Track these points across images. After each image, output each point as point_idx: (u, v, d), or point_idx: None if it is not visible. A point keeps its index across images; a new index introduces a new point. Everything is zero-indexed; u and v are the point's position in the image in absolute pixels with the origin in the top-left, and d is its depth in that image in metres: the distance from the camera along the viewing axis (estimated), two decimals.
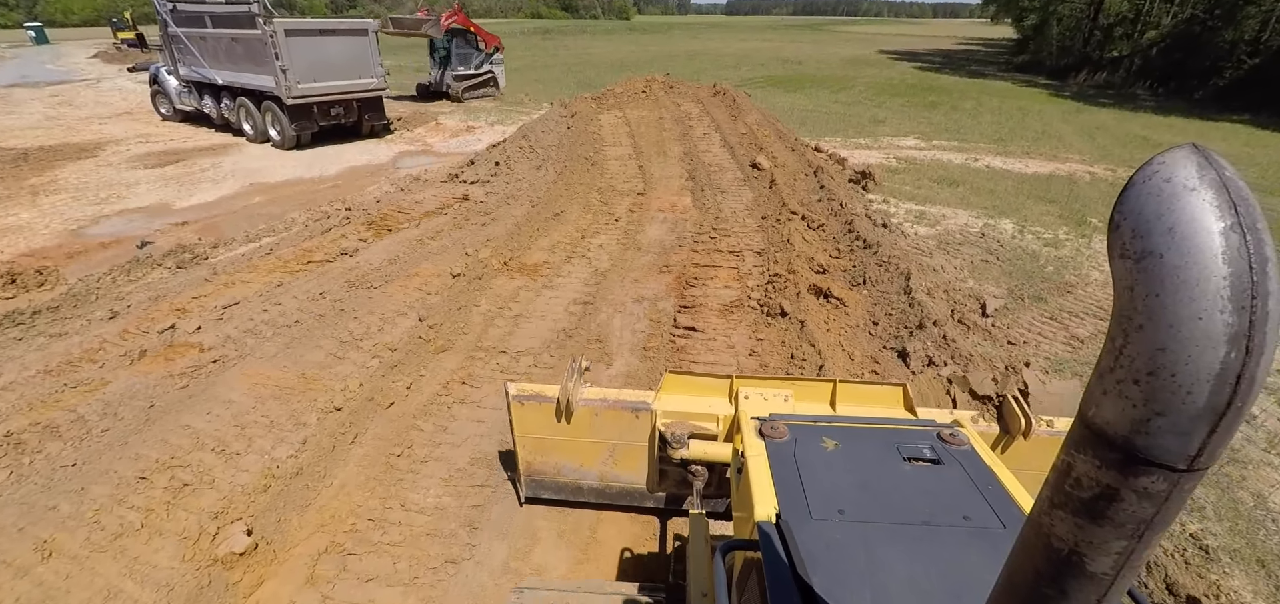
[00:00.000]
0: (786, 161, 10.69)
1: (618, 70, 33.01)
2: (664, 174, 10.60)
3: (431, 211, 9.33)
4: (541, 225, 8.44)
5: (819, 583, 1.30)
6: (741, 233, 8.20)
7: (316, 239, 8.15)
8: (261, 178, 11.67)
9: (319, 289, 6.64)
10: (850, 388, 2.87)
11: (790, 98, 23.74)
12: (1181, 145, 0.60)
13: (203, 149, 14.04)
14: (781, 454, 1.76)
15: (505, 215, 8.90)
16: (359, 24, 13.80)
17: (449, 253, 7.61)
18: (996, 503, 1.57)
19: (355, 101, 14.31)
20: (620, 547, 3.69)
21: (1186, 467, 0.61)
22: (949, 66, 39.99)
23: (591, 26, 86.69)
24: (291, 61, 12.65)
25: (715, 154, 11.24)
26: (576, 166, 10.64)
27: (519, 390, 3.40)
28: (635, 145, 11.46)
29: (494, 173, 10.81)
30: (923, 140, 16.34)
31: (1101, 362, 0.64)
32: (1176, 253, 0.55)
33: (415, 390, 4.93)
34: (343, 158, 13.12)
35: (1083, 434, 0.67)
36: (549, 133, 11.52)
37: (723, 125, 12.12)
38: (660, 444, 3.27)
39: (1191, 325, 0.55)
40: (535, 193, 9.78)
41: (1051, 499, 0.72)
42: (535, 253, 7.62)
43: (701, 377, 3.28)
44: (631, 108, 13.00)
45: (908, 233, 8.52)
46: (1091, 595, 0.72)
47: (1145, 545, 0.67)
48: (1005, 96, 26.29)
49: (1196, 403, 0.57)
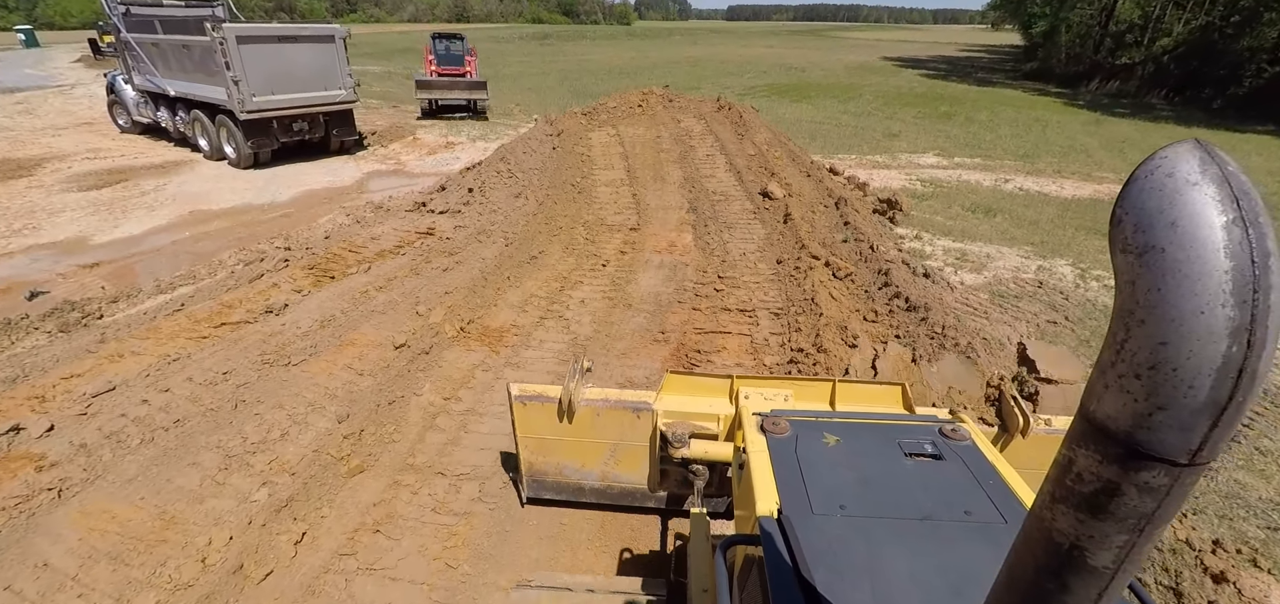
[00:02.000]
0: (802, 189, 9.32)
1: (616, 78, 31.72)
2: (661, 204, 9.22)
3: (388, 251, 7.95)
4: (514, 272, 7.06)
5: (820, 579, 1.29)
6: (753, 283, 6.82)
7: (242, 290, 6.76)
8: (204, 203, 10.28)
9: (223, 366, 5.25)
10: (850, 387, 2.86)
11: (797, 108, 22.44)
12: (1184, 140, 0.59)
13: (152, 167, 12.66)
14: (783, 450, 1.75)
15: (473, 257, 7.52)
16: (324, 30, 12.41)
17: (397, 310, 6.23)
18: (998, 498, 1.57)
19: (321, 115, 12.92)
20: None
21: (1188, 461, 0.60)
22: (955, 74, 39.20)
23: (590, 32, 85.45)
24: (245, 72, 11.28)
25: (720, 179, 9.87)
26: (561, 194, 9.26)
27: (521, 390, 3.40)
28: (629, 169, 10.11)
29: (466, 201, 9.43)
30: (943, 157, 15.04)
31: (1103, 356, 0.64)
32: (1178, 247, 0.55)
33: (308, 547, 3.53)
34: (302, 179, 11.73)
35: (1084, 429, 0.67)
36: (531, 154, 10.17)
37: (728, 145, 10.75)
38: (661, 444, 3.28)
39: (1193, 319, 0.55)
40: (511, 227, 8.40)
41: (1053, 493, 0.72)
42: (502, 311, 6.24)
43: (702, 377, 3.27)
44: (626, 124, 11.64)
45: (953, 283, 7.13)
46: (1093, 590, 0.72)
47: (1147, 540, 0.67)
48: (1019, 106, 25.13)
49: (1198, 397, 0.57)
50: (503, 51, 48.84)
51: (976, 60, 51.32)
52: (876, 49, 62.45)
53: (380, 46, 48.66)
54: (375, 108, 20.30)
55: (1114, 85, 33.30)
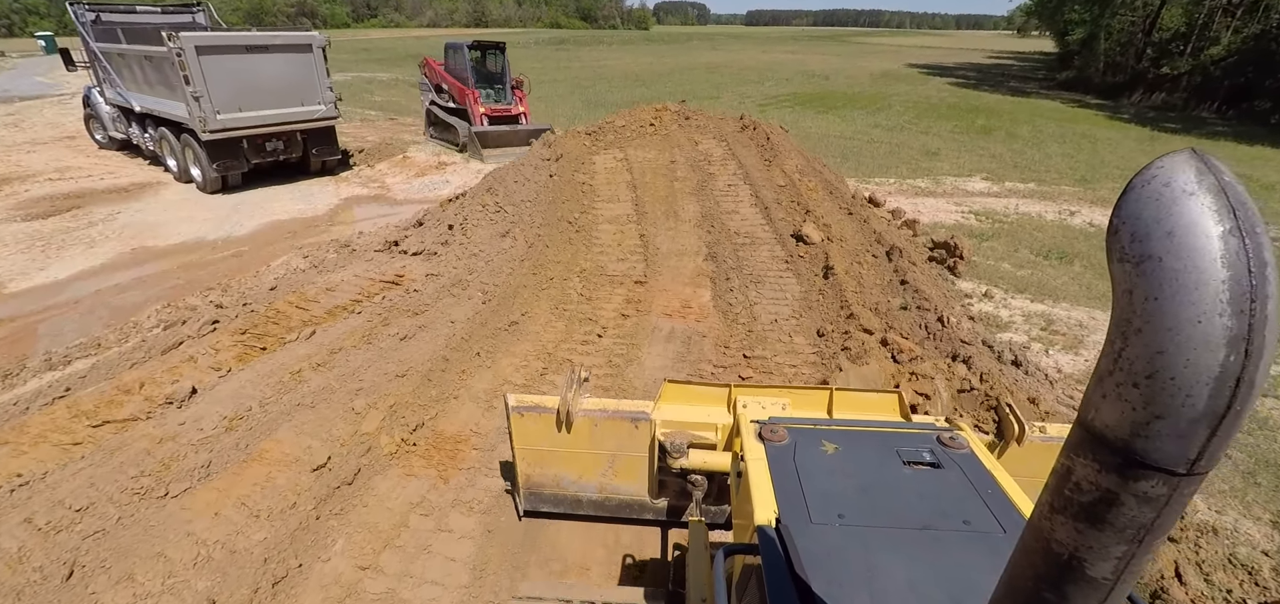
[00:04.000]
0: (844, 231, 7.82)
1: (631, 85, 30.34)
2: (674, 247, 7.75)
3: (342, 307, 6.58)
4: (487, 344, 5.64)
5: (819, 587, 1.28)
6: (789, 366, 5.32)
7: (150, 365, 5.43)
8: (152, 238, 9.01)
9: (82, 496, 3.89)
10: (847, 395, 2.81)
11: (824, 121, 20.88)
12: (1181, 150, 0.58)
13: (115, 191, 11.45)
14: (781, 458, 1.73)
15: (441, 319, 6.12)
16: (301, 38, 11.12)
17: (331, 401, 4.84)
18: (996, 507, 1.55)
19: (299, 133, 11.64)
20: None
21: (1186, 470, 0.59)
22: (986, 83, 37.53)
23: (607, 37, 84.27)
24: (207, 86, 10.01)
25: (744, 216, 8.39)
26: (555, 234, 7.84)
27: (518, 401, 3.35)
28: (637, 201, 8.68)
29: (445, 240, 8.04)
30: (992, 181, 13.42)
31: (1100, 365, 0.62)
32: (1175, 257, 0.54)
33: None
34: (270, 207, 10.44)
35: (1082, 438, 0.66)
36: (524, 183, 8.80)
37: (754, 173, 9.27)
38: (660, 454, 3.24)
39: (1191, 329, 0.54)
40: (493, 277, 6.98)
41: (1051, 503, 0.71)
42: (463, 407, 4.82)
43: (700, 386, 3.27)
44: (636, 146, 10.20)
45: (1047, 370, 5.56)
46: (1092, 600, 0.70)
47: (1146, 550, 0.66)
48: (1061, 119, 23.42)
49: (1196, 406, 0.56)
50: (516, 57, 47.57)
51: (1006, 68, 49.55)
52: (900, 55, 60.61)
53: (393, 52, 47.77)
54: (371, 120, 19.07)
55: (1159, 97, 31.70)
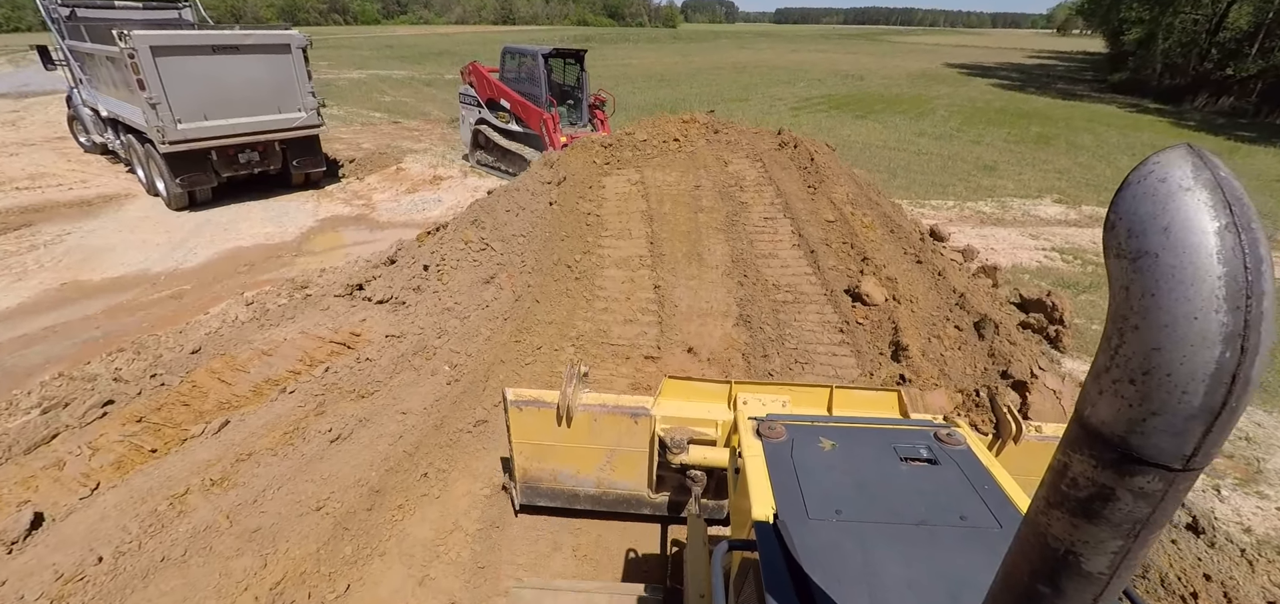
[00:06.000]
0: (913, 285, 6.19)
1: (656, 85, 28.74)
2: (697, 305, 6.20)
3: (274, 381, 5.19)
4: (441, 457, 4.18)
5: (816, 583, 1.28)
6: None
7: (3, 470, 4.08)
8: (90, 270, 7.75)
9: None
10: (847, 393, 2.82)
11: (864, 128, 19.05)
12: (1177, 145, 0.58)
13: (78, 204, 10.28)
14: (779, 455, 1.74)
15: (388, 411, 4.66)
16: (278, 37, 9.80)
17: (208, 557, 3.42)
18: (993, 503, 1.55)
19: (278, 143, 10.34)
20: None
21: (1182, 466, 0.60)
22: (1031, 84, 35.31)
23: (633, 35, 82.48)
24: (166, 92, 8.75)
25: (785, 261, 6.81)
26: (549, 282, 6.36)
27: (517, 395, 3.30)
28: (652, 238, 7.16)
29: (417, 284, 6.61)
30: (1067, 205, 11.59)
31: (1097, 361, 0.63)
32: (1172, 252, 0.55)
33: None
34: (236, 229, 9.14)
35: (1079, 434, 0.66)
36: (518, 213, 7.33)
37: (795, 203, 7.66)
38: (660, 449, 3.25)
39: (1187, 325, 0.54)
40: (465, 342, 5.52)
41: (1048, 499, 0.72)
42: (388, 574, 3.35)
43: (700, 382, 3.27)
44: (655, 167, 8.67)
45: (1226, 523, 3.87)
46: (1088, 595, 0.71)
47: (1141, 545, 0.66)
48: (1123, 127, 21.43)
49: (1192, 402, 0.56)
50: None
51: (1050, 68, 47.02)
52: (936, 54, 57.96)
53: (418, 49, 46.77)
54: (373, 123, 17.78)
55: (1227, 101, 29.35)
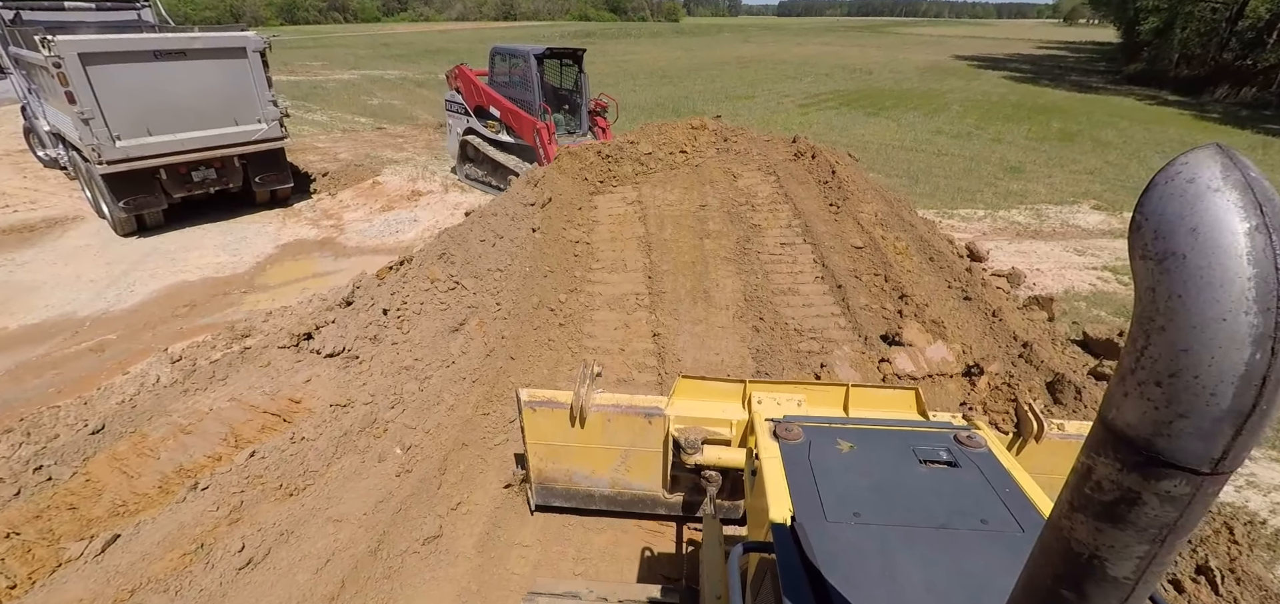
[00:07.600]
0: (963, 329, 5.12)
1: (659, 82, 27.54)
2: (703, 357, 5.14)
3: (186, 471, 4.18)
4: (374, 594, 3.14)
5: (834, 586, 1.26)
6: None
7: None
8: (7, 314, 6.67)
9: None
10: (863, 392, 2.79)
11: (877, 126, 17.90)
12: (1205, 145, 0.57)
13: (14, 230, 9.21)
14: (796, 456, 1.72)
15: (318, 518, 3.64)
16: (231, 40, 8.73)
17: None
18: (1014, 506, 1.52)
19: (237, 159, 9.32)
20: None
21: (1210, 470, 0.58)
22: (1044, 76, 34.11)
23: (635, 29, 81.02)
24: (102, 105, 7.73)
25: (807, 297, 5.74)
26: (528, 331, 5.32)
27: (531, 396, 3.30)
28: (651, 271, 6.11)
29: (374, 333, 5.57)
30: (1109, 214, 10.51)
31: (1123, 363, 0.62)
32: (1199, 254, 0.54)
33: None
34: (184, 259, 8.11)
35: (1103, 436, 0.65)
36: (494, 242, 6.27)
37: (816, 225, 6.58)
38: (674, 450, 3.26)
39: (1215, 327, 0.53)
40: (423, 416, 4.47)
41: (1071, 502, 0.70)
42: None
43: (715, 381, 3.23)
44: (655, 183, 7.62)
45: None
46: (1112, 600, 0.69)
47: (1168, 550, 0.64)
48: (1145, 121, 20.41)
49: (1220, 405, 0.55)
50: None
51: (1060, 60, 45.91)
52: (944, 46, 56.57)
53: (415, 47, 45.59)
54: (356, 130, 16.65)
55: (1249, 92, 28.42)
